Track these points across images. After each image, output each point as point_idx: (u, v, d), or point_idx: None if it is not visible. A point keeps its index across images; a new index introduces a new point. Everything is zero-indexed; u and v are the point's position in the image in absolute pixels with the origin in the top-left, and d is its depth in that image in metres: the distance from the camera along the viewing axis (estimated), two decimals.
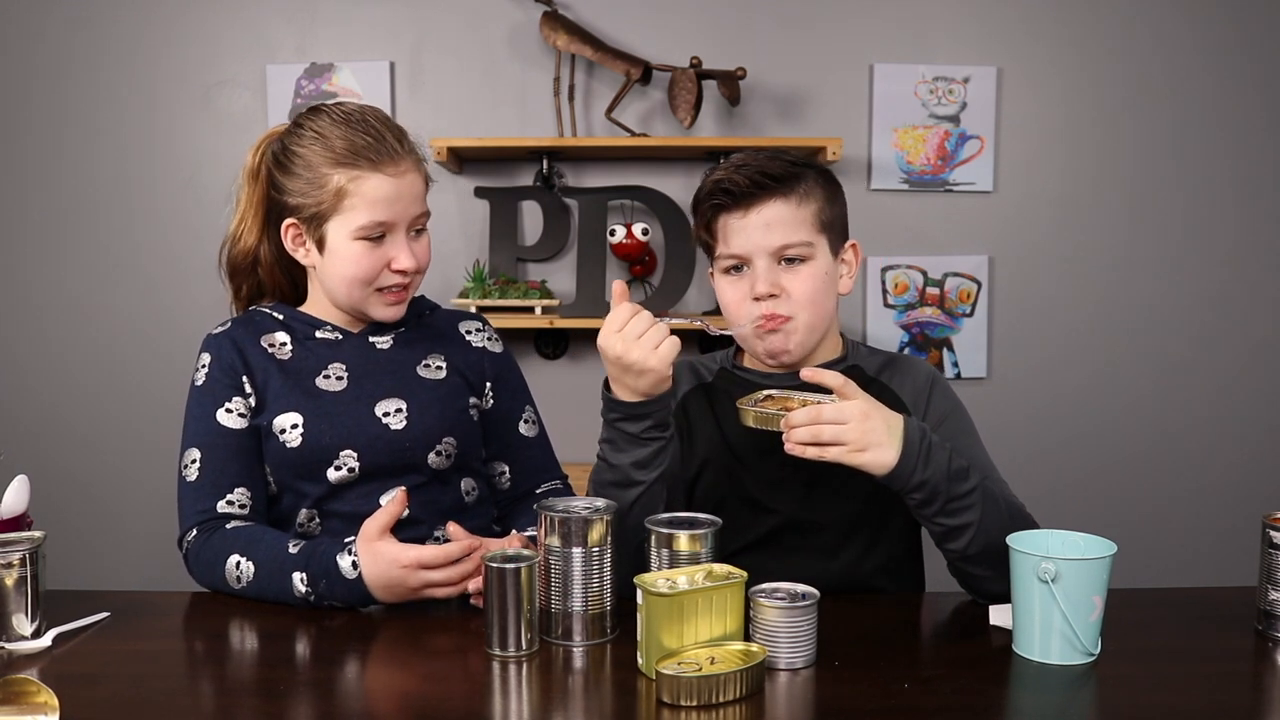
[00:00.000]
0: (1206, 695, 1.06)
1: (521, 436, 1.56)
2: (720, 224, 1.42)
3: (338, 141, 1.35)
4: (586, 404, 2.60)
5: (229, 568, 1.32)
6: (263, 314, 1.47)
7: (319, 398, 1.40)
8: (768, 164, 1.42)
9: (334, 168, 1.34)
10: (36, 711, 0.96)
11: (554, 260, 2.73)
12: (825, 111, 2.70)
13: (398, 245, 1.38)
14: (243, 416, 1.40)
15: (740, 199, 1.40)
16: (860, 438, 1.22)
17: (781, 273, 1.40)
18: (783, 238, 1.39)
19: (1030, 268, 2.76)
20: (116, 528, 2.78)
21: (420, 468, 1.42)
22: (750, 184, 1.39)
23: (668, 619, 1.06)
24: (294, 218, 1.40)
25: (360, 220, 1.35)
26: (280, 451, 1.39)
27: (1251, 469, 2.78)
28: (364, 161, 1.34)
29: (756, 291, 1.39)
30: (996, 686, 1.10)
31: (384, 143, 1.35)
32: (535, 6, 2.61)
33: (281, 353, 1.44)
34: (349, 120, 1.36)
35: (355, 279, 1.38)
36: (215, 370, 1.42)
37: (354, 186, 1.34)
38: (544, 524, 1.18)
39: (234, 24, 2.69)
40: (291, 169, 1.38)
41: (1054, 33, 2.70)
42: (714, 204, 1.42)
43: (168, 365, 2.73)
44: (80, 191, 2.73)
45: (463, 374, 1.50)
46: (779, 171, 1.41)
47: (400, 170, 1.36)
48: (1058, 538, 1.20)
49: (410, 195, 1.38)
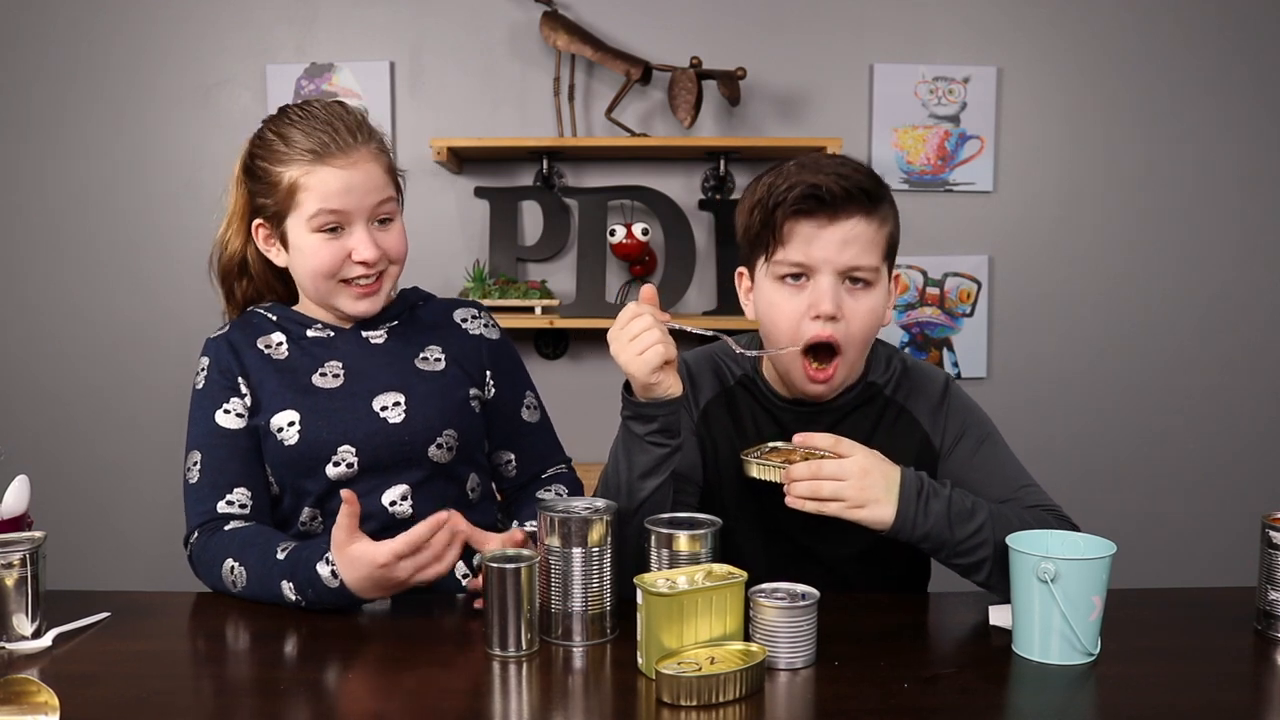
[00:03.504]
0: (1206, 695, 1.06)
1: (525, 423, 1.56)
2: (792, 227, 1.32)
3: (291, 139, 1.36)
4: (587, 404, 2.61)
5: (225, 571, 1.32)
6: (259, 315, 1.48)
7: (315, 395, 1.41)
8: (859, 174, 1.33)
9: (285, 165, 1.36)
10: (36, 711, 0.96)
11: (554, 260, 2.73)
12: (825, 111, 2.70)
13: (356, 236, 1.38)
14: (240, 417, 1.41)
15: (827, 206, 1.30)
16: (858, 494, 1.23)
17: (844, 294, 1.33)
18: (856, 258, 1.32)
19: (1030, 268, 2.76)
20: (116, 528, 2.78)
21: (421, 461, 1.42)
22: (844, 194, 1.30)
23: (668, 619, 1.06)
24: (260, 218, 1.42)
25: (311, 211, 1.36)
26: (279, 450, 1.39)
27: (1251, 469, 2.78)
28: (311, 155, 1.35)
29: (820, 309, 1.31)
30: (996, 686, 1.11)
31: (336, 135, 1.36)
32: (535, 6, 2.61)
33: (278, 353, 1.44)
34: (304, 118, 1.38)
35: (317, 272, 1.39)
36: (213, 373, 1.43)
37: (304, 180, 1.35)
38: (544, 524, 1.18)
39: (234, 24, 2.69)
40: (255, 171, 1.40)
41: (1054, 33, 2.70)
42: (797, 208, 1.31)
43: (167, 365, 2.74)
44: (80, 191, 2.73)
45: (461, 364, 1.49)
46: (872, 187, 1.33)
47: (351, 161, 1.36)
48: (1057, 538, 1.20)
49: (365, 185, 1.37)
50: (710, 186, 2.71)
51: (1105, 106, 2.71)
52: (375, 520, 1.39)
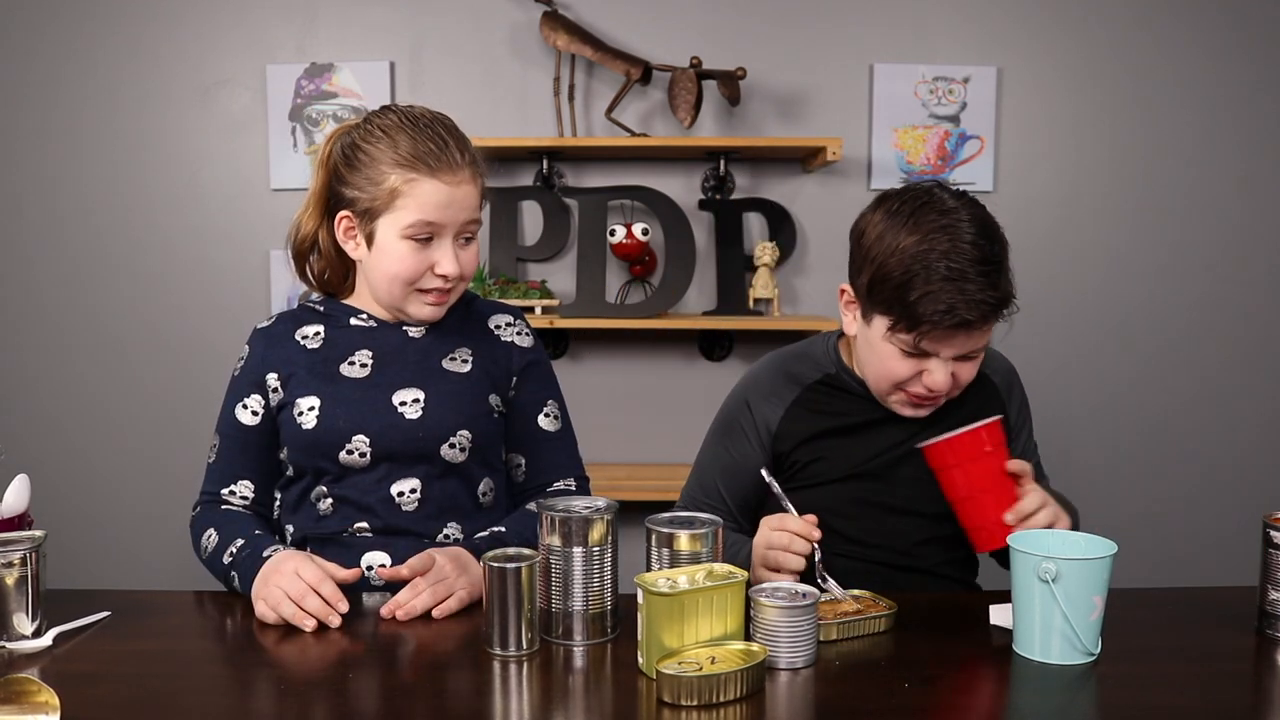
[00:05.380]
0: (1206, 695, 1.06)
1: (541, 430, 1.55)
2: (926, 330, 1.34)
3: (403, 144, 1.39)
4: (587, 404, 2.61)
5: (203, 539, 1.42)
6: (308, 309, 1.53)
7: (339, 383, 1.44)
8: (1001, 283, 1.34)
9: (393, 168, 1.38)
10: (37, 711, 0.96)
11: (554, 260, 2.73)
12: (825, 111, 2.70)
13: (443, 249, 1.41)
14: (255, 414, 1.47)
15: (967, 327, 1.34)
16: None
17: (955, 363, 1.39)
18: (976, 344, 1.38)
19: (1030, 268, 2.75)
20: (116, 528, 2.78)
21: (433, 459, 1.43)
22: (983, 319, 1.34)
23: (668, 618, 1.06)
24: (349, 210, 1.43)
25: (409, 219, 1.38)
26: (297, 432, 1.43)
27: (1252, 469, 2.78)
28: (423, 166, 1.38)
29: (933, 386, 1.38)
30: (996, 686, 1.11)
31: (446, 151, 1.39)
32: (535, 6, 2.61)
33: (313, 342, 1.48)
34: (416, 124, 1.40)
35: (398, 277, 1.42)
36: (247, 365, 1.49)
37: (408, 188, 1.38)
38: (544, 524, 1.18)
39: (234, 24, 2.69)
40: (355, 164, 1.41)
41: (1054, 33, 2.70)
42: (936, 325, 1.33)
43: (167, 365, 2.74)
44: (80, 191, 2.73)
45: (487, 369, 1.50)
46: (1006, 295, 1.35)
47: (456, 179, 1.39)
48: (1058, 537, 1.21)
49: (462, 203, 1.40)
50: (710, 186, 2.71)
51: (1105, 106, 2.71)
52: (381, 509, 1.42)
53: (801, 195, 2.73)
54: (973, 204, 1.39)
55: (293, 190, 2.69)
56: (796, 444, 1.50)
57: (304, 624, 1.23)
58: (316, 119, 2.69)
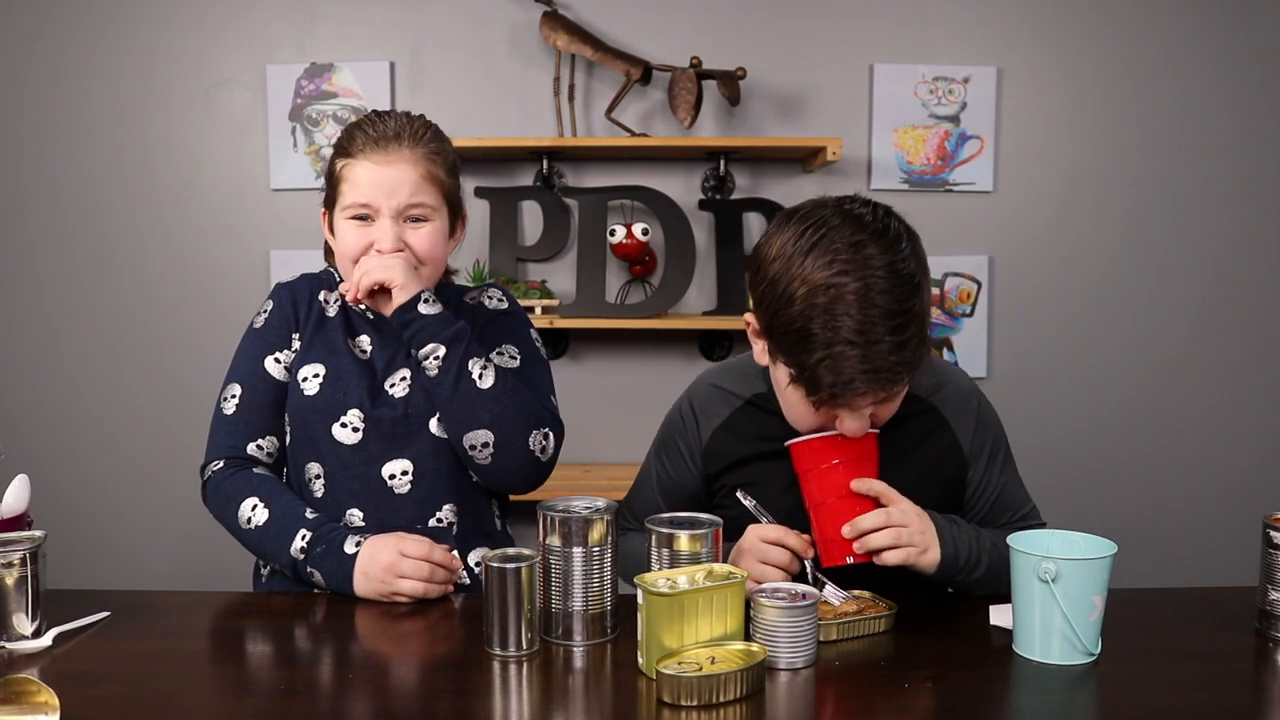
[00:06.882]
0: (1206, 695, 1.06)
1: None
2: (826, 397, 1.21)
3: (347, 135, 1.48)
4: (587, 403, 2.61)
5: (244, 508, 1.40)
6: (329, 274, 1.58)
7: (341, 357, 1.48)
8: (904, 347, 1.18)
9: (337, 157, 1.48)
10: (37, 711, 0.96)
11: (554, 260, 2.73)
12: (825, 111, 2.70)
13: (381, 228, 1.44)
14: (286, 370, 1.50)
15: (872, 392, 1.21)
16: (921, 539, 1.26)
17: (874, 406, 1.26)
18: (891, 397, 1.26)
19: (1030, 268, 2.76)
20: (116, 528, 2.78)
21: (422, 433, 1.45)
22: (891, 384, 1.21)
23: (668, 619, 1.06)
24: (323, 205, 1.53)
25: (347, 201, 1.45)
26: (300, 397, 1.47)
27: (1251, 469, 2.78)
28: (356, 150, 1.45)
29: (849, 434, 1.26)
30: (996, 686, 1.11)
31: (383, 136, 1.45)
32: (535, 6, 2.61)
33: (331, 308, 1.53)
34: (371, 122, 1.48)
35: (344, 255, 1.47)
36: (275, 318, 1.52)
37: (345, 172, 1.45)
38: (544, 524, 1.18)
39: (234, 24, 2.69)
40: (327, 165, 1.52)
41: (1054, 33, 2.70)
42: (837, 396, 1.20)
43: (167, 365, 2.74)
44: (80, 191, 2.73)
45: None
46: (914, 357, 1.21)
47: (389, 159, 1.43)
48: (1058, 537, 1.20)
49: (396, 183, 1.43)
50: (710, 186, 2.71)
51: (1105, 106, 2.71)
52: (373, 489, 1.44)
53: (801, 195, 2.69)
54: (883, 230, 1.20)
55: (293, 190, 2.69)
56: (724, 467, 1.43)
57: (441, 592, 1.34)
58: (316, 119, 2.69)
